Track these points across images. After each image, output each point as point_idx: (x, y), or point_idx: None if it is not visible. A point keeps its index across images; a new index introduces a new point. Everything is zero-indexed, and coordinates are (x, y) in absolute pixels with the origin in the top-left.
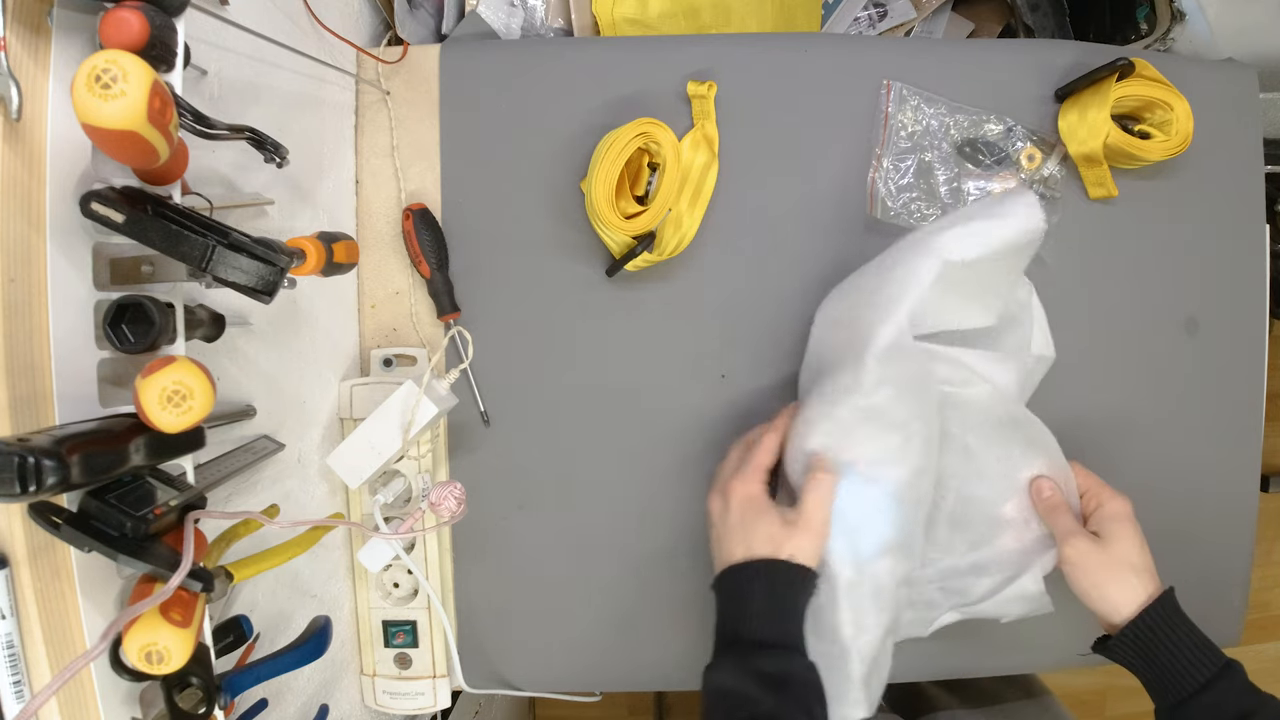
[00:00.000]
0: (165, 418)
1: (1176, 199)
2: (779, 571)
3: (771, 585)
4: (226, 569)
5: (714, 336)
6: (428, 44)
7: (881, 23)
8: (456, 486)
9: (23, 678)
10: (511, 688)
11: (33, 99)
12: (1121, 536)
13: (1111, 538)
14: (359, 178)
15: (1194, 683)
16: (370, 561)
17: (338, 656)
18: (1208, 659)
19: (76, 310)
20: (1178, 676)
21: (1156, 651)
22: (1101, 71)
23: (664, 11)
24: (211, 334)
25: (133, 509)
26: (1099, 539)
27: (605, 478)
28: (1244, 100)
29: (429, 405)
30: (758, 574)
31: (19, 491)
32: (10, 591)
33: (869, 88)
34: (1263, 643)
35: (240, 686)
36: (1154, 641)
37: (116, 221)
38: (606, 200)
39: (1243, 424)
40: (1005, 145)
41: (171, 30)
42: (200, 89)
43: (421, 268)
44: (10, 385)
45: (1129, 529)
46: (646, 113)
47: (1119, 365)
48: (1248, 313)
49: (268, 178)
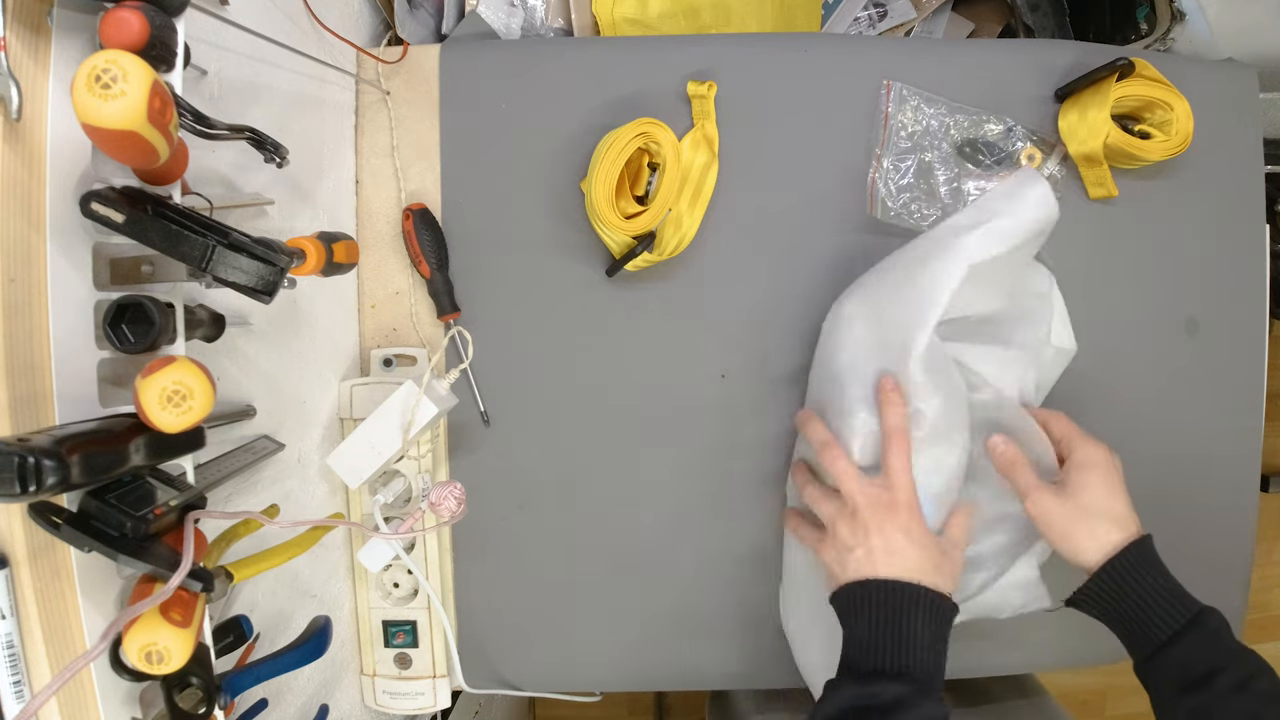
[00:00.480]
0: (165, 418)
1: (1176, 199)
2: (945, 606)
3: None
4: (226, 569)
5: (714, 336)
6: (428, 44)
7: (881, 23)
8: (456, 486)
9: (23, 678)
10: (511, 688)
11: (33, 99)
12: (1087, 484)
13: (1076, 486)
14: (359, 178)
15: (1161, 635)
16: (370, 561)
17: (338, 656)
18: (1178, 609)
19: (76, 310)
20: (1146, 628)
21: (1123, 602)
22: (1101, 71)
23: (664, 11)
24: (211, 334)
25: (133, 509)
26: (1063, 489)
27: (605, 478)
28: (1244, 100)
29: (429, 405)
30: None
31: (19, 491)
32: (10, 591)
33: (869, 88)
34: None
35: (240, 686)
36: (1120, 592)
37: (116, 221)
38: (607, 200)
39: (1243, 424)
40: (1005, 145)
41: (171, 30)
42: (200, 89)
43: (421, 268)
44: (10, 385)
45: (1096, 475)
46: (646, 113)
47: (1119, 365)
48: (1248, 313)
49: (268, 178)
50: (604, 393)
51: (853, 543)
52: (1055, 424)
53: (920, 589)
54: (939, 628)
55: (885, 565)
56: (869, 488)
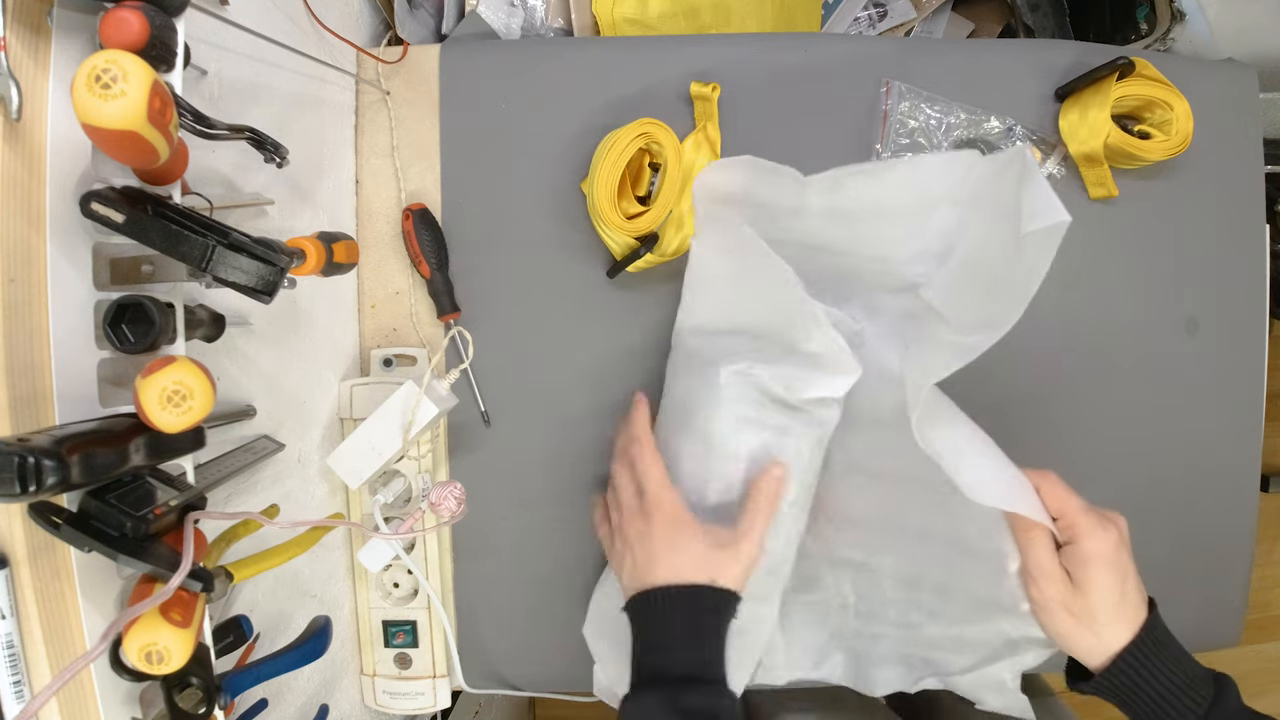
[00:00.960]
0: (165, 418)
1: (1176, 199)
2: (704, 598)
3: (696, 613)
4: (226, 569)
5: None
6: (428, 44)
7: (881, 23)
8: (456, 486)
9: (23, 678)
10: (511, 688)
11: (33, 99)
12: (1092, 582)
13: (1084, 583)
14: (359, 178)
15: None
16: (370, 561)
17: (338, 656)
18: (1194, 697)
19: (76, 310)
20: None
21: (1135, 697)
22: (1102, 71)
23: (664, 11)
24: (211, 334)
25: (133, 509)
26: (1070, 584)
27: (606, 477)
28: (1244, 100)
29: (429, 405)
30: (681, 600)
31: (19, 491)
32: (10, 591)
33: (869, 88)
34: (1262, 643)
35: (240, 686)
36: (1132, 687)
37: (116, 221)
38: (609, 200)
39: (1243, 424)
40: (1005, 145)
41: (171, 30)
42: (200, 89)
43: (421, 268)
44: (10, 385)
45: (1101, 572)
46: (647, 113)
47: (1119, 365)
48: (1248, 313)
49: (268, 178)
50: (605, 393)
51: (622, 556)
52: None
53: (672, 589)
54: (701, 619)
55: (647, 575)
56: (630, 501)
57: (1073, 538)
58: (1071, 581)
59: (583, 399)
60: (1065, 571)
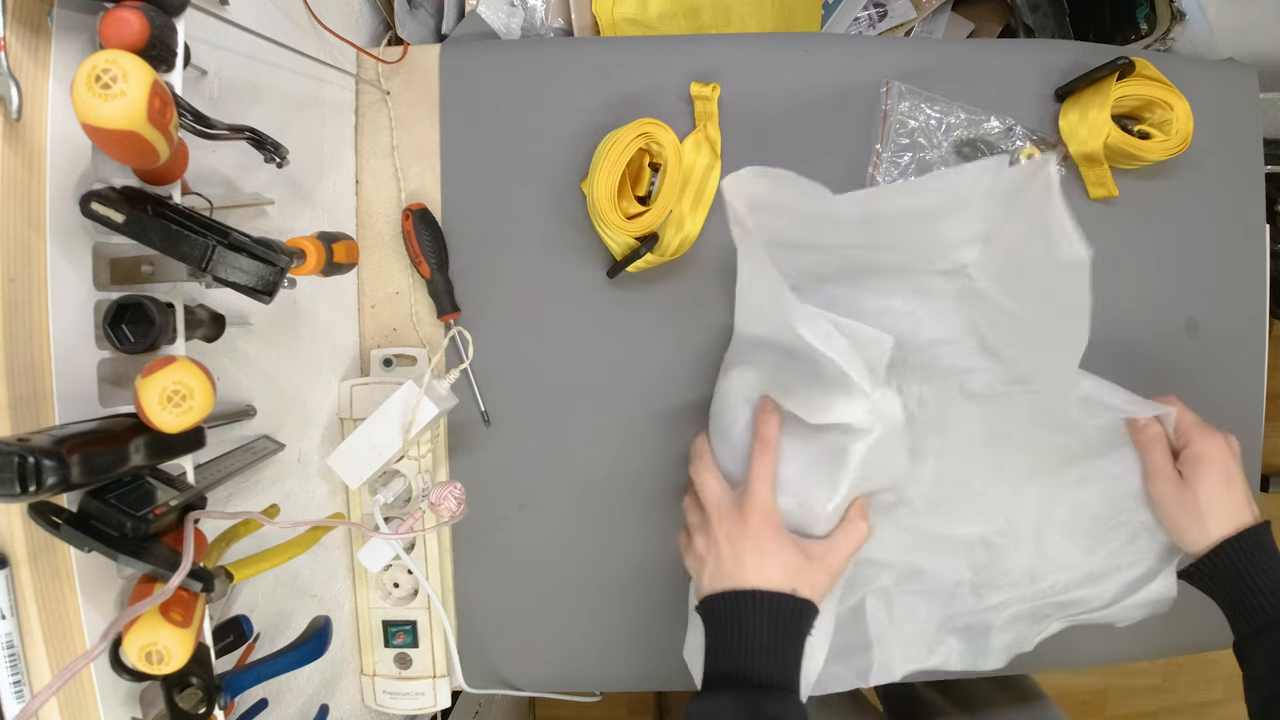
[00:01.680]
0: (165, 418)
1: (1176, 199)
2: (788, 605)
3: (781, 621)
4: (226, 569)
5: (715, 338)
6: (428, 44)
7: (881, 23)
8: (456, 486)
9: (23, 678)
10: (511, 688)
11: (33, 99)
12: (1203, 479)
13: (1193, 480)
14: (359, 178)
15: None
16: (370, 561)
17: (338, 656)
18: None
19: (76, 310)
20: (1249, 611)
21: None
22: (1102, 71)
23: (664, 11)
24: (211, 334)
25: (133, 509)
26: (1182, 481)
27: (606, 478)
28: (1244, 100)
29: (429, 405)
30: (769, 606)
31: (19, 491)
32: (10, 591)
33: (869, 88)
34: None
35: (240, 686)
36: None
37: (116, 221)
38: (609, 200)
39: (1243, 424)
40: (1005, 144)
41: (171, 30)
42: (200, 89)
43: (421, 268)
44: (10, 385)
45: (1212, 470)
46: (647, 113)
47: (1119, 365)
48: (1248, 313)
49: (268, 178)
50: (605, 393)
51: (705, 554)
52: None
53: (758, 594)
54: (784, 627)
55: (732, 577)
56: (722, 499)
57: (1186, 442)
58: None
59: (583, 399)
60: (1178, 473)
